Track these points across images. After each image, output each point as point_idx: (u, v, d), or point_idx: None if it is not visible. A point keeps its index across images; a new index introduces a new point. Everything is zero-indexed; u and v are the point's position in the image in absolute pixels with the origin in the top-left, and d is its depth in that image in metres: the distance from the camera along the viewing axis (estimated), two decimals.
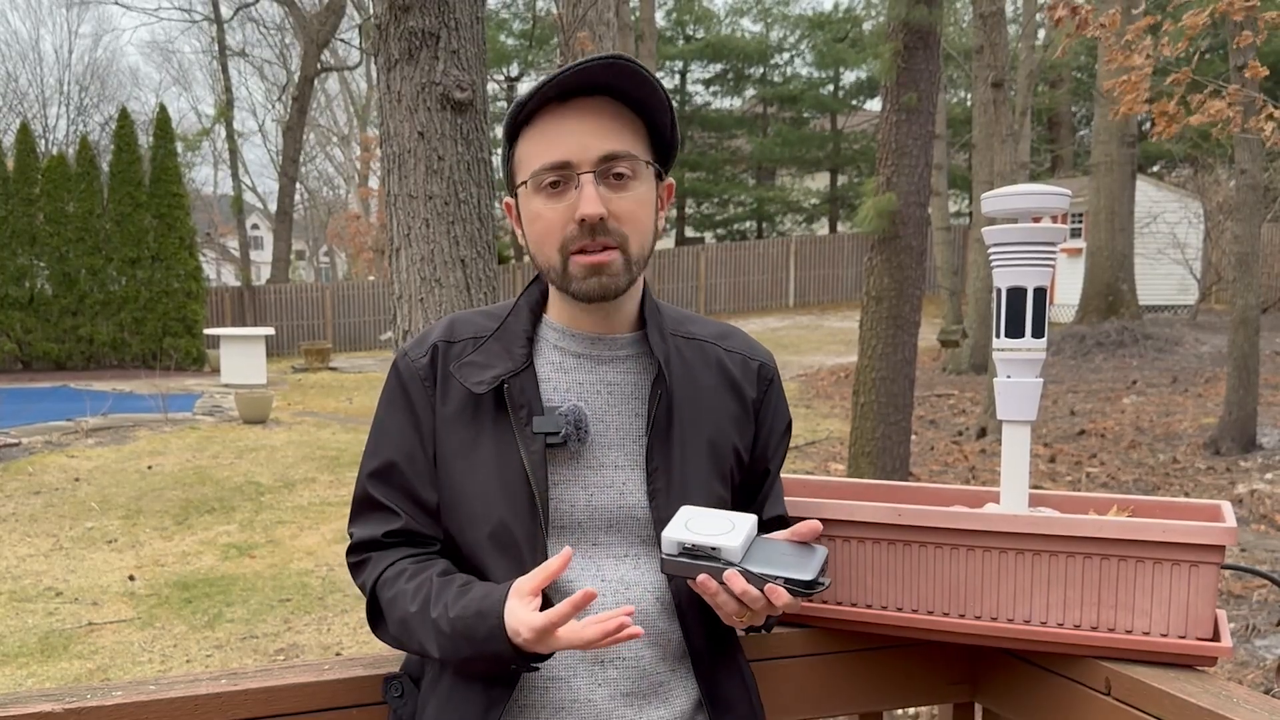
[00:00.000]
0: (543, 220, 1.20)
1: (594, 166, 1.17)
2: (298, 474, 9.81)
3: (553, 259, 1.21)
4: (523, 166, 1.22)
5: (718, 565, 1.12)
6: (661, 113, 1.22)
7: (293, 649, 5.53)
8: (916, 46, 5.70)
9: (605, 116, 1.18)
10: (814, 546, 1.17)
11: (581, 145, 1.17)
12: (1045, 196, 1.38)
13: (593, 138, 1.17)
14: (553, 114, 1.18)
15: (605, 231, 1.17)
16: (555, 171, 1.17)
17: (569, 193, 1.18)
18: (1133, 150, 16.92)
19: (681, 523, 1.15)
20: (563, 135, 1.17)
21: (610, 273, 1.19)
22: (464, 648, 1.15)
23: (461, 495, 1.24)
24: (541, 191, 1.19)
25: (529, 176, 1.20)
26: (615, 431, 1.26)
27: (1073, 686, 1.38)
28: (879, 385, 5.94)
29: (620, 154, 1.18)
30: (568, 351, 1.28)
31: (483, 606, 1.14)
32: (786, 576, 1.11)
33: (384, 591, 1.25)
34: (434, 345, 1.29)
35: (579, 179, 1.17)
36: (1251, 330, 8.98)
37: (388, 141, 2.71)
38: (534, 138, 1.20)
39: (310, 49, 27.13)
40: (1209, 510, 1.41)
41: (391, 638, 1.26)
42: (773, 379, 1.37)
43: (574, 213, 1.17)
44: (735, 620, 1.17)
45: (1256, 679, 4.52)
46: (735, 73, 33.80)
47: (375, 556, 1.28)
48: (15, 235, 19.58)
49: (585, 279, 1.19)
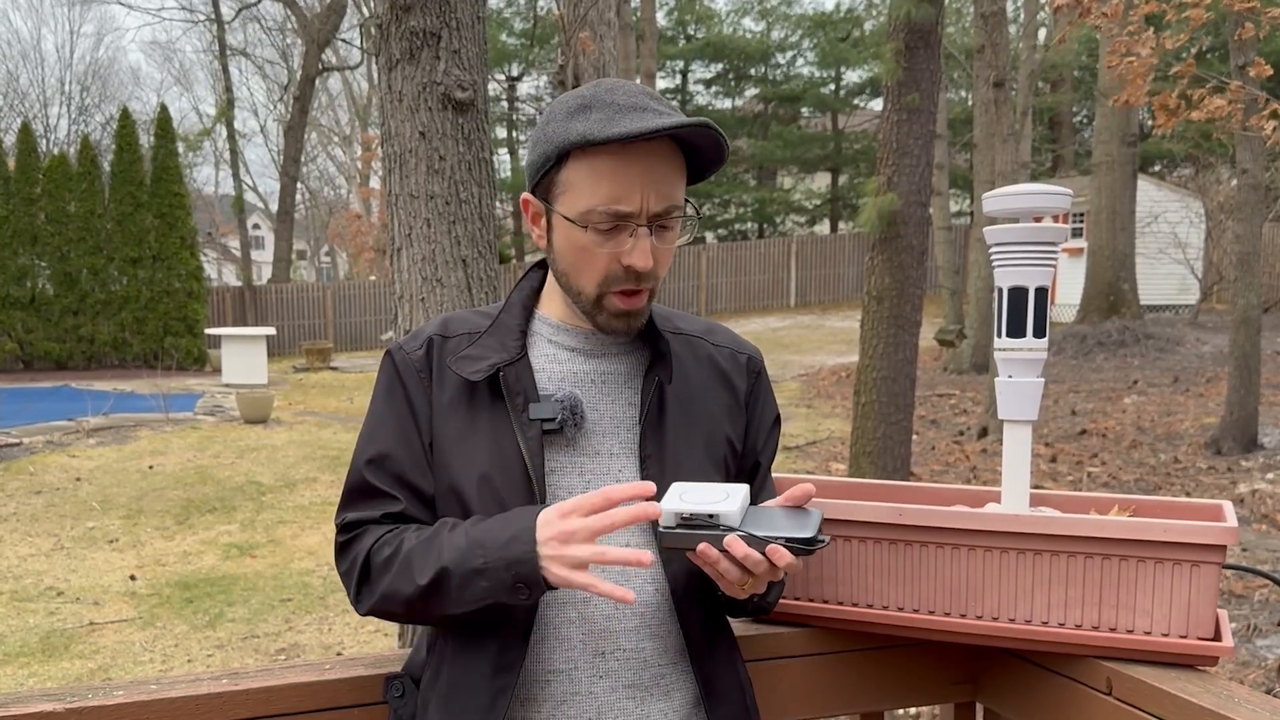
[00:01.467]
0: (589, 255, 1.21)
1: (651, 220, 1.18)
2: (299, 474, 9.82)
3: (588, 290, 1.23)
4: (574, 193, 1.19)
5: (717, 532, 1.11)
6: (714, 167, 1.23)
7: (294, 649, 5.54)
8: (918, 46, 5.70)
9: (669, 167, 1.19)
10: (809, 509, 1.17)
11: (644, 197, 1.17)
12: (1046, 196, 1.38)
13: (654, 190, 1.17)
14: (619, 152, 1.16)
15: (648, 279, 1.21)
16: (614, 218, 1.17)
17: (622, 238, 1.19)
18: (1134, 150, 16.91)
19: (676, 495, 1.15)
20: (629, 181, 1.16)
21: (639, 315, 1.24)
22: (475, 556, 1.13)
23: (459, 483, 1.24)
24: (593, 229, 1.19)
25: (584, 212, 1.18)
26: (609, 420, 1.27)
27: (1074, 686, 1.37)
28: (880, 385, 5.94)
29: (675, 208, 1.20)
30: (561, 345, 1.30)
31: (512, 515, 1.15)
32: (787, 536, 1.11)
33: (379, 553, 1.23)
34: (429, 339, 1.31)
35: (636, 229, 1.18)
36: (1253, 330, 8.97)
37: (389, 141, 2.71)
38: (594, 171, 1.17)
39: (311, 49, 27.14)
40: (1210, 510, 1.41)
41: (378, 593, 1.22)
42: (760, 371, 1.39)
43: (622, 257, 1.19)
44: (738, 590, 1.16)
45: (1258, 679, 4.52)
46: (736, 72, 33.79)
47: (371, 528, 1.26)
48: (16, 235, 19.59)
49: (616, 318, 1.23)
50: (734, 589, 1.16)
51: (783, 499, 1.20)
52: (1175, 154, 22.95)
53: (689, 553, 1.14)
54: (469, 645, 1.23)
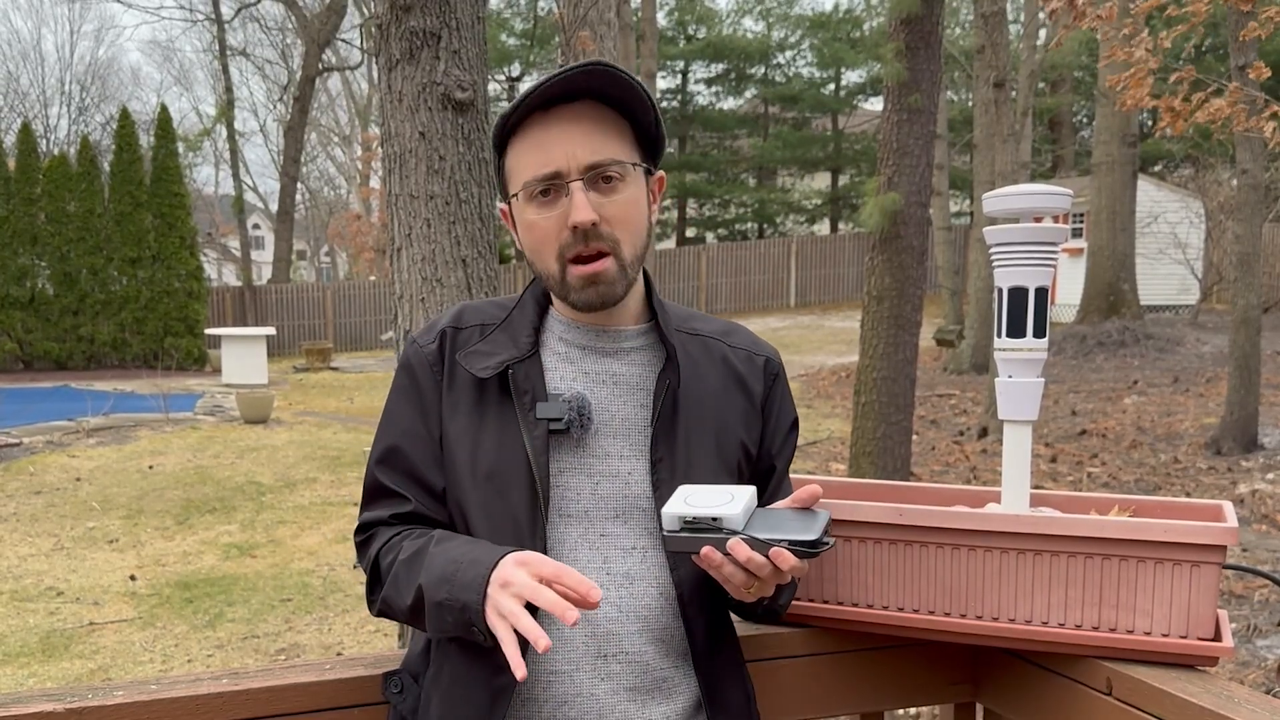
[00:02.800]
0: (537, 229, 1.22)
1: (582, 173, 1.19)
2: (299, 474, 9.82)
3: (551, 267, 1.23)
4: (514, 177, 1.24)
5: (721, 536, 1.11)
6: (644, 111, 1.23)
7: (294, 649, 5.54)
8: (918, 46, 5.70)
9: (590, 122, 1.20)
10: (816, 510, 1.17)
11: (568, 154, 1.19)
12: (1046, 196, 1.38)
13: (579, 145, 1.19)
14: (538, 123, 1.20)
15: (598, 236, 1.20)
16: (545, 181, 1.20)
17: (560, 201, 1.20)
18: (1134, 150, 16.91)
19: (681, 499, 1.15)
20: (550, 144, 1.19)
21: (606, 280, 1.22)
22: (441, 590, 1.14)
23: (466, 479, 1.25)
24: (533, 201, 1.21)
25: (520, 188, 1.22)
26: (620, 422, 1.27)
27: (1074, 686, 1.37)
28: (880, 385, 5.94)
29: (608, 160, 1.20)
30: (573, 344, 1.30)
31: (483, 555, 1.14)
32: (791, 539, 1.10)
33: (385, 558, 1.26)
34: (442, 331, 1.31)
35: (569, 187, 1.19)
36: (1253, 330, 8.98)
37: (389, 141, 2.71)
38: (522, 148, 1.22)
39: (311, 49, 27.14)
40: (1210, 510, 1.41)
41: (381, 599, 1.26)
42: (778, 374, 1.38)
43: (567, 220, 1.19)
44: (744, 593, 1.16)
45: (1258, 679, 4.52)
46: (737, 73, 33.80)
47: (380, 531, 1.29)
48: (16, 235, 19.60)
49: (583, 289, 1.22)
50: (740, 593, 1.16)
51: (790, 500, 1.19)
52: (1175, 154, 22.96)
53: (694, 556, 1.14)
54: (472, 644, 1.23)
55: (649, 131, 1.26)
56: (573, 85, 1.18)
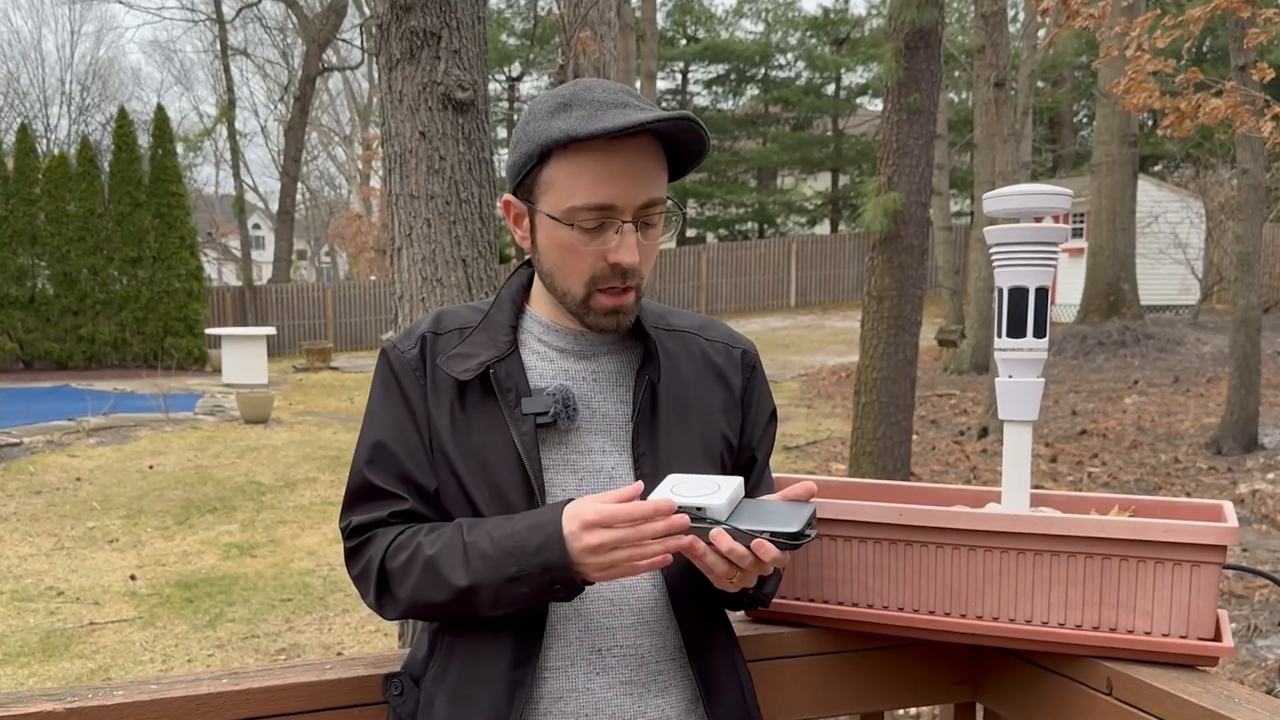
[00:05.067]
0: (574, 254, 1.21)
1: (635, 215, 1.18)
2: (299, 474, 9.82)
3: (574, 290, 1.23)
4: (554, 191, 1.19)
5: (704, 525, 1.11)
6: (692, 163, 1.24)
7: (294, 649, 5.54)
8: (918, 46, 5.70)
9: (651, 162, 1.19)
10: (803, 503, 1.17)
11: (627, 192, 1.17)
12: (1047, 196, 1.38)
13: (638, 185, 1.17)
14: (602, 150, 1.16)
15: (635, 275, 1.21)
16: (598, 214, 1.17)
17: (607, 234, 1.19)
18: (1134, 150, 16.91)
19: (667, 488, 1.15)
20: (610, 179, 1.16)
21: (627, 311, 1.24)
22: (509, 565, 1.14)
23: (460, 480, 1.25)
24: (578, 227, 1.19)
25: (564, 210, 1.18)
26: (601, 418, 1.27)
27: (1074, 686, 1.37)
28: (880, 385, 5.94)
29: (658, 201, 1.20)
30: (552, 345, 1.30)
31: (536, 519, 1.15)
32: (773, 530, 1.10)
33: (395, 559, 1.23)
34: (422, 336, 1.31)
35: (621, 225, 1.18)
36: (1253, 330, 8.98)
37: (389, 141, 2.71)
38: (575, 168, 1.17)
39: (312, 48, 27.14)
40: (1210, 510, 1.41)
41: (405, 600, 1.23)
42: (755, 366, 1.39)
43: (608, 255, 1.19)
44: (727, 583, 1.16)
45: (1258, 679, 4.52)
46: (737, 74, 33.81)
47: (381, 532, 1.26)
48: (16, 235, 19.60)
49: (605, 316, 1.23)
50: (723, 583, 1.17)
51: (783, 494, 1.20)
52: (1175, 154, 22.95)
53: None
54: (484, 640, 1.23)
55: (680, 170, 1.26)
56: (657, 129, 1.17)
